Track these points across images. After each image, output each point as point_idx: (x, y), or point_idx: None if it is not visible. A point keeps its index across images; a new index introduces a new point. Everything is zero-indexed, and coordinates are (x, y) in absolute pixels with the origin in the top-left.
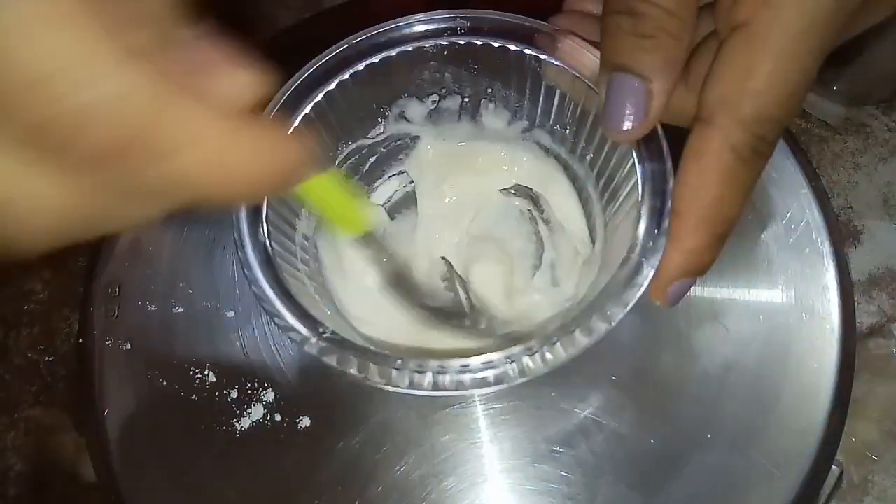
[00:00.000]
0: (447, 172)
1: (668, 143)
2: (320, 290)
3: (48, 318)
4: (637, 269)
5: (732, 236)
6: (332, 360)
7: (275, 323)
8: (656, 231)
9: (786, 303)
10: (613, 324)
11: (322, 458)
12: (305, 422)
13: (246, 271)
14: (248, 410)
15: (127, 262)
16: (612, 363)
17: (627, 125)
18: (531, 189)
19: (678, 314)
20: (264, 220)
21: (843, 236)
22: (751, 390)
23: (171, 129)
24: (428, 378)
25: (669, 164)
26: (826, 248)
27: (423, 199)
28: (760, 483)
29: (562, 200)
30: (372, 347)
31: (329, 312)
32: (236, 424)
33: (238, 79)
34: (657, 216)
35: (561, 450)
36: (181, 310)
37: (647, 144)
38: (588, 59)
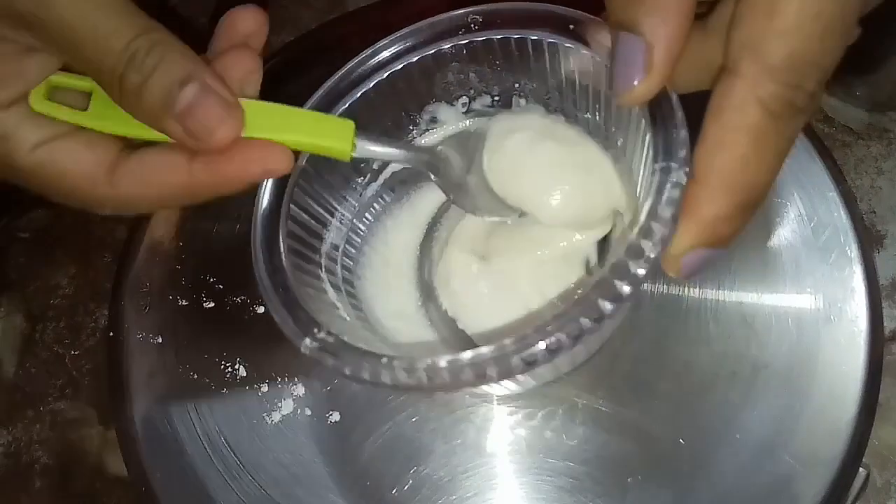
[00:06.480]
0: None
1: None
2: (343, 299)
3: (74, 312)
4: (647, 233)
5: (759, 239)
6: (327, 361)
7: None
8: (662, 200)
9: (814, 306)
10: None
11: (351, 453)
12: (335, 416)
13: (255, 266)
14: (279, 404)
15: (157, 257)
16: (640, 363)
17: (629, 84)
18: None
19: (707, 316)
20: (283, 227)
21: None
22: (779, 392)
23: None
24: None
25: (684, 133)
26: (854, 252)
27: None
28: (788, 483)
29: None
30: (362, 346)
31: (348, 319)
32: (266, 418)
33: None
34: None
35: (591, 449)
36: (212, 304)
37: (660, 111)
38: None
